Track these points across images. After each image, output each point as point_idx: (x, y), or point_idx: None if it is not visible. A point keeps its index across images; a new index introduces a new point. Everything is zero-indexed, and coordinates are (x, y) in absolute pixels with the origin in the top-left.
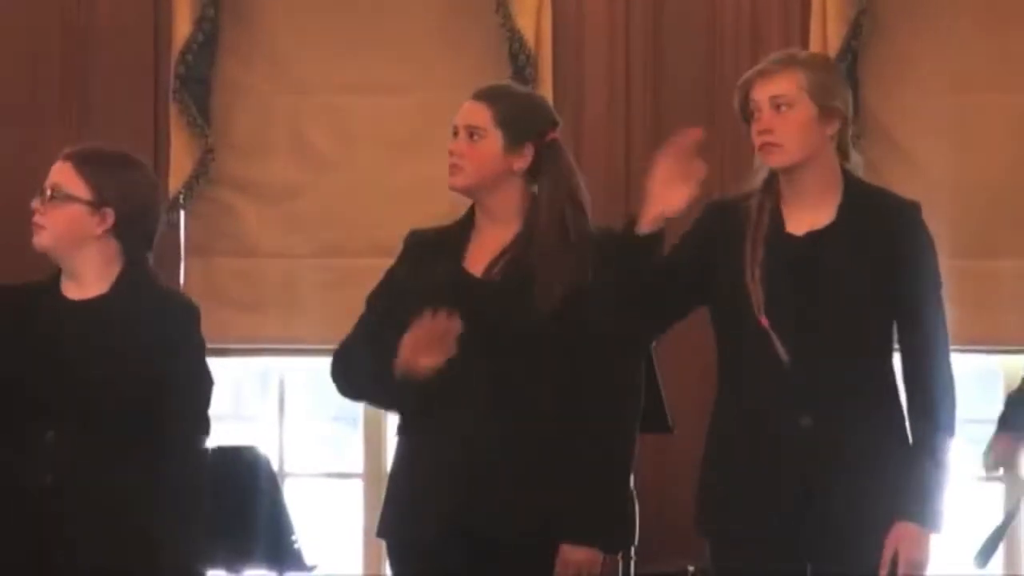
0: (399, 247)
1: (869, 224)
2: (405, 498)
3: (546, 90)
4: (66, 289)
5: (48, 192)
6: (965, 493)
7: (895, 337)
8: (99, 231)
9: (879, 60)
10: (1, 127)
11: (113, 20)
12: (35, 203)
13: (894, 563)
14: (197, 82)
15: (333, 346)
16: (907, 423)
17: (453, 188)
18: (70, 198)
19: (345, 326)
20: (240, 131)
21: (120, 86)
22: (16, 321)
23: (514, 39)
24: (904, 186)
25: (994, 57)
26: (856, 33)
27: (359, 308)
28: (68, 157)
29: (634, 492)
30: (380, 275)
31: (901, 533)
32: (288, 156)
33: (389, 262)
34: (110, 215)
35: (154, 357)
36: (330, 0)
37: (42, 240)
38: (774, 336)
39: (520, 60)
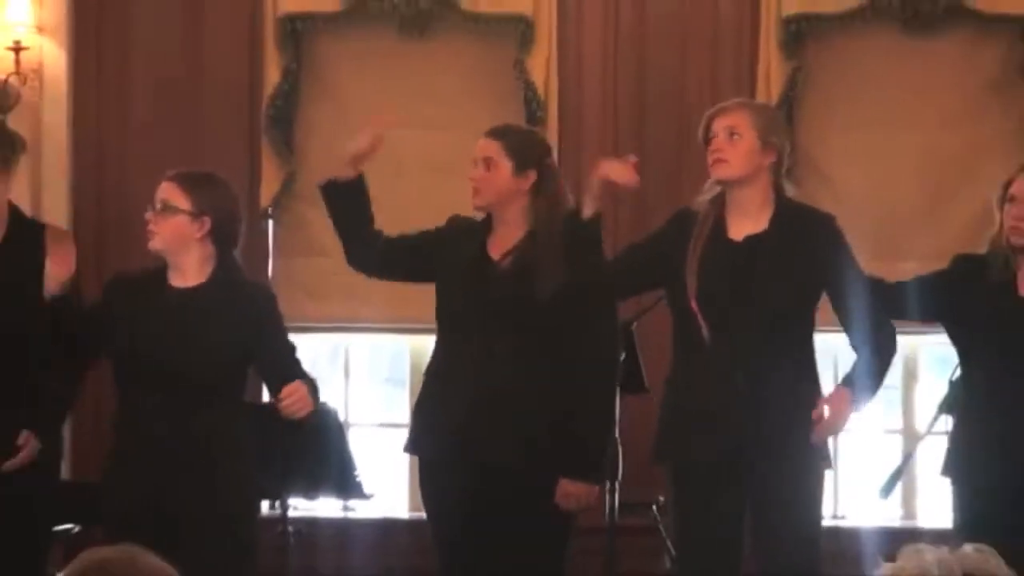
0: None
1: (796, 231)
2: (422, 426)
3: (553, 129)
4: (172, 279)
5: (158, 206)
6: (870, 443)
7: (814, 321)
8: (199, 235)
9: (810, 106)
10: (133, 157)
11: (219, 74)
12: (148, 215)
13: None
14: (283, 121)
15: (386, 324)
16: (818, 389)
17: (476, 207)
18: (176, 210)
19: (394, 309)
20: (315, 159)
21: (225, 125)
22: (132, 302)
23: (528, 89)
24: (829, 206)
25: (899, 102)
26: (792, 86)
27: (406, 296)
28: (171, 178)
29: (618, 438)
30: None
31: (833, 392)
32: None
33: None
34: (207, 222)
35: (243, 332)
36: (384, 57)
37: (155, 244)
38: (700, 317)
39: (532, 106)
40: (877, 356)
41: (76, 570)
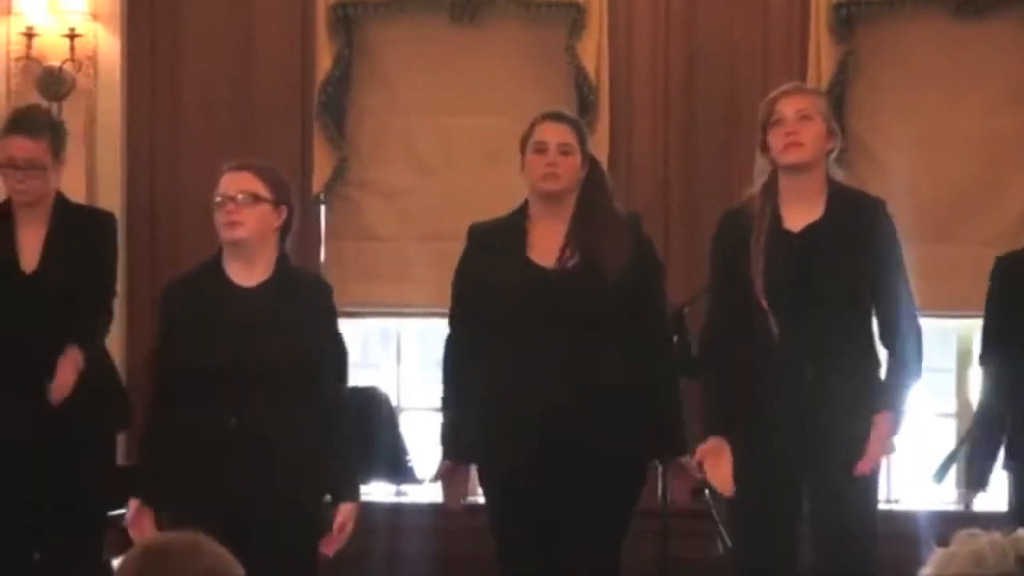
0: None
1: (850, 218)
2: (492, 434)
3: (604, 114)
4: (233, 276)
5: (240, 196)
6: (924, 427)
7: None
8: (276, 225)
9: (860, 91)
10: (185, 143)
11: (271, 61)
12: (228, 206)
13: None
14: (335, 107)
15: (436, 308)
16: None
17: (550, 192)
18: (260, 199)
19: (445, 294)
20: (366, 144)
21: (277, 111)
22: (194, 305)
23: (579, 75)
24: (880, 191)
25: (949, 88)
26: (843, 70)
27: None
28: (244, 168)
29: None
30: None
31: (878, 419)
32: (401, 163)
33: None
34: (284, 210)
35: (308, 328)
36: (435, 43)
37: (239, 233)
38: (771, 316)
39: (584, 91)
40: (909, 369)
41: (137, 554)
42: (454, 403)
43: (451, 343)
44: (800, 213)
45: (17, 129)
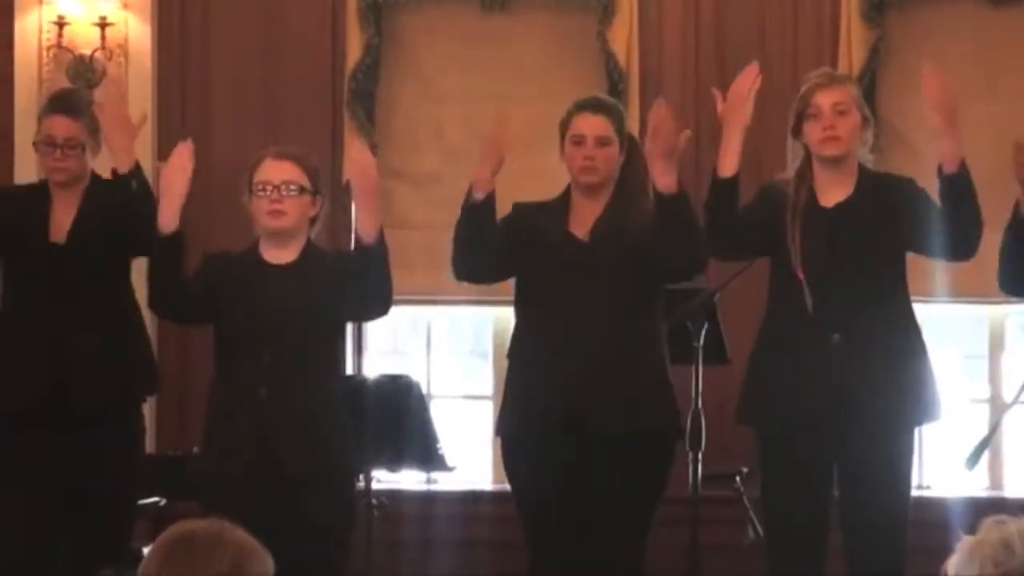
0: None
1: (880, 194)
2: (522, 403)
3: (633, 99)
4: (267, 255)
5: (283, 186)
6: (957, 413)
7: (906, 282)
8: (312, 214)
9: (891, 76)
10: (216, 131)
11: (301, 49)
12: (273, 195)
13: None
14: (365, 95)
15: (468, 297)
16: (919, 338)
17: (588, 184)
18: (304, 190)
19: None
20: (396, 132)
21: (308, 99)
22: (231, 274)
23: (610, 60)
24: (911, 175)
25: (981, 74)
26: (874, 56)
27: None
28: (287, 157)
29: (700, 409)
30: None
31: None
32: (432, 151)
33: None
34: (319, 201)
35: (337, 298)
36: (465, 31)
37: (284, 223)
38: (805, 286)
39: (614, 76)
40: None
41: (164, 542)
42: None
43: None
44: (833, 193)
45: (57, 109)
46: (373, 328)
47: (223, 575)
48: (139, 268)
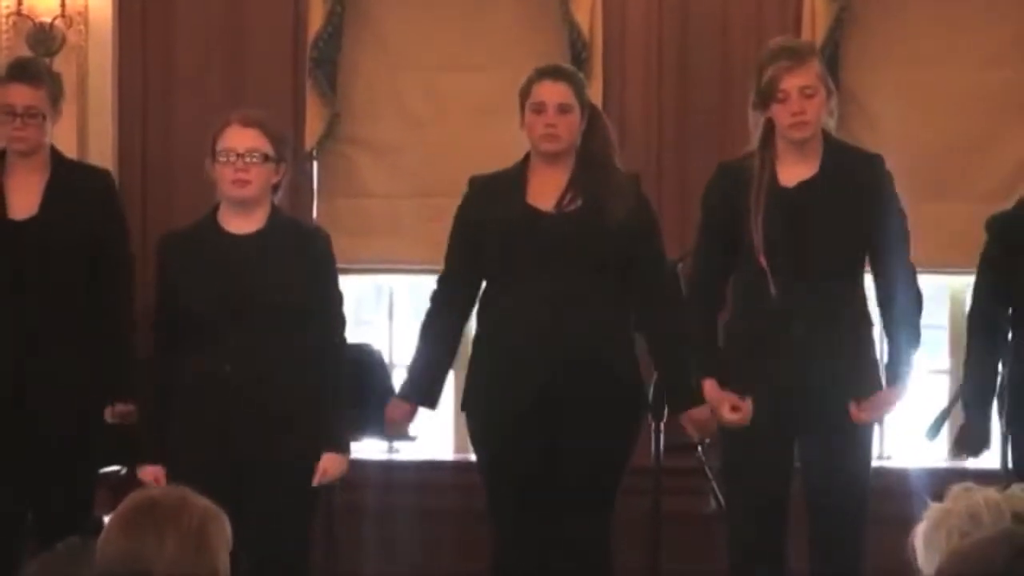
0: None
1: (845, 173)
2: (496, 380)
3: (596, 69)
4: (228, 225)
5: (247, 155)
6: (917, 384)
7: (866, 261)
8: (275, 181)
9: (854, 46)
10: (177, 99)
11: (262, 16)
12: (238, 164)
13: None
14: (327, 63)
15: (428, 265)
16: (869, 315)
17: (550, 152)
18: (267, 158)
19: (436, 251)
20: (358, 101)
21: (270, 67)
22: (189, 253)
23: (572, 29)
24: (871, 144)
25: (943, 41)
26: (838, 25)
27: (447, 236)
28: (251, 123)
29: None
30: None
31: (882, 395)
32: (393, 119)
33: None
34: (283, 168)
35: (307, 275)
36: (428, 0)
37: (248, 192)
38: (768, 273)
39: (577, 46)
40: (910, 335)
41: (128, 508)
42: (418, 352)
43: (434, 297)
44: (796, 169)
45: (17, 76)
46: None
47: (191, 537)
48: None
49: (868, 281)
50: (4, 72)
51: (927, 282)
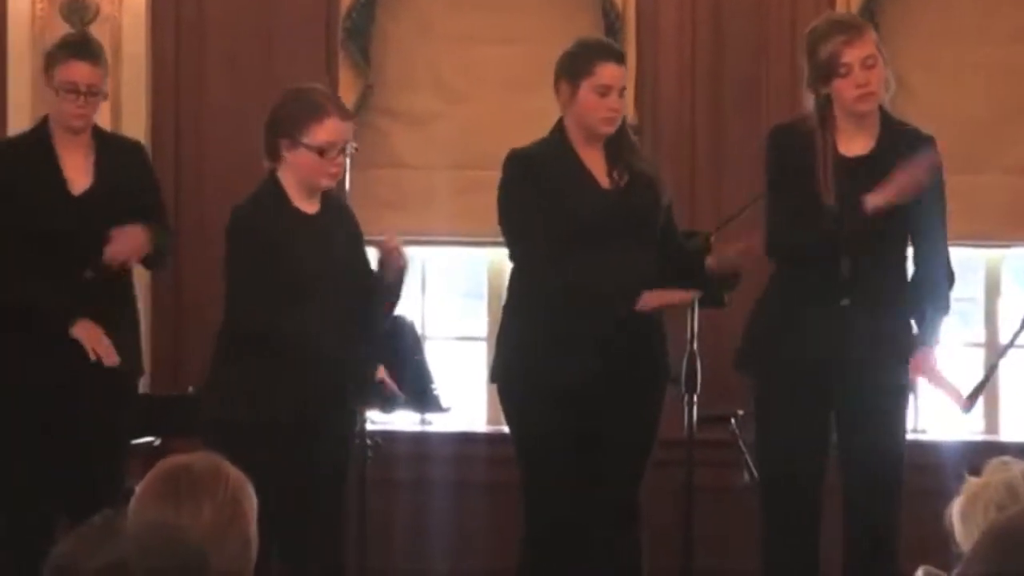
0: None
1: (901, 151)
2: (561, 352)
3: (630, 39)
4: (299, 205)
5: (348, 148)
6: (952, 356)
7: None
8: None
9: (890, 17)
10: (210, 69)
11: None
12: (339, 159)
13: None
14: (360, 34)
15: (462, 237)
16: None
17: (608, 134)
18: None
19: (470, 223)
20: (392, 72)
21: (302, 38)
22: (267, 230)
23: (606, 2)
24: (907, 117)
25: (979, 14)
26: None
27: (481, 209)
28: (349, 117)
29: (696, 350)
30: (497, 184)
31: (920, 356)
32: (428, 91)
33: None
34: None
35: (360, 246)
36: None
37: (332, 181)
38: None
39: (610, 17)
40: (940, 313)
41: (160, 476)
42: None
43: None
44: (853, 142)
45: (80, 54)
46: None
47: (226, 505)
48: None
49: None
50: (64, 48)
51: (960, 254)
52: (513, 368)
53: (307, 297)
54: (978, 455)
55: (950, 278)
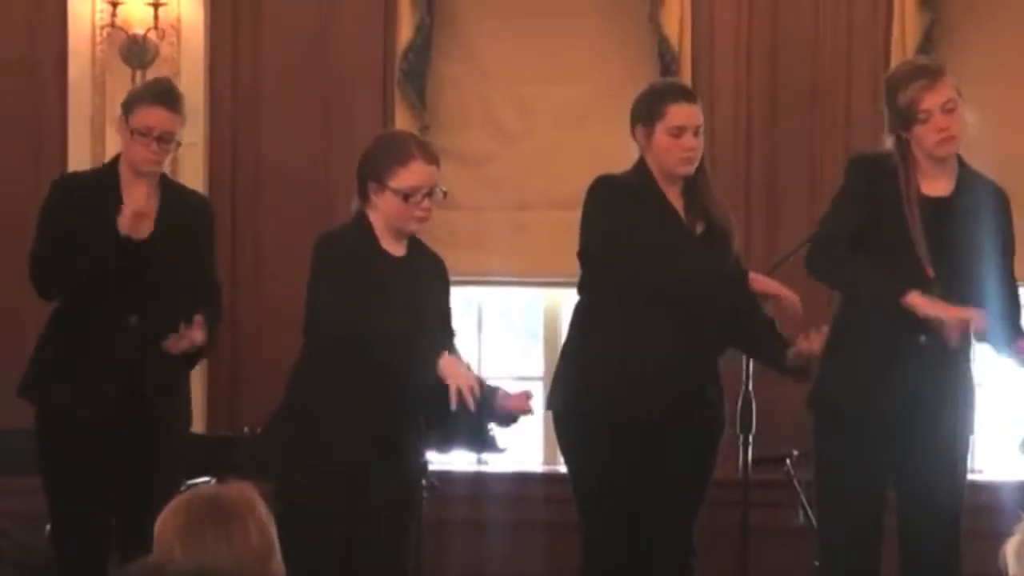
0: (575, 199)
1: (978, 197)
2: (635, 387)
3: (685, 81)
4: (386, 247)
5: (432, 192)
6: (1008, 397)
7: None
8: None
9: (946, 57)
10: (267, 112)
11: (352, 30)
12: (425, 203)
13: None
14: (416, 75)
15: (517, 278)
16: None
17: (687, 175)
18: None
19: (524, 263)
20: (447, 112)
21: (359, 80)
22: (356, 262)
23: (662, 42)
24: (966, 157)
25: None
26: (928, 38)
27: (536, 249)
28: (435, 160)
29: (751, 392)
30: (552, 224)
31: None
32: (482, 131)
33: (561, 214)
34: None
35: (444, 293)
36: (517, 11)
37: (420, 225)
38: (936, 283)
39: (667, 59)
40: (1012, 325)
41: (198, 502)
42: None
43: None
44: (935, 184)
45: (160, 100)
46: None
47: (266, 528)
48: None
49: None
50: (150, 94)
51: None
52: (572, 403)
53: (393, 318)
54: None
55: (1019, 311)
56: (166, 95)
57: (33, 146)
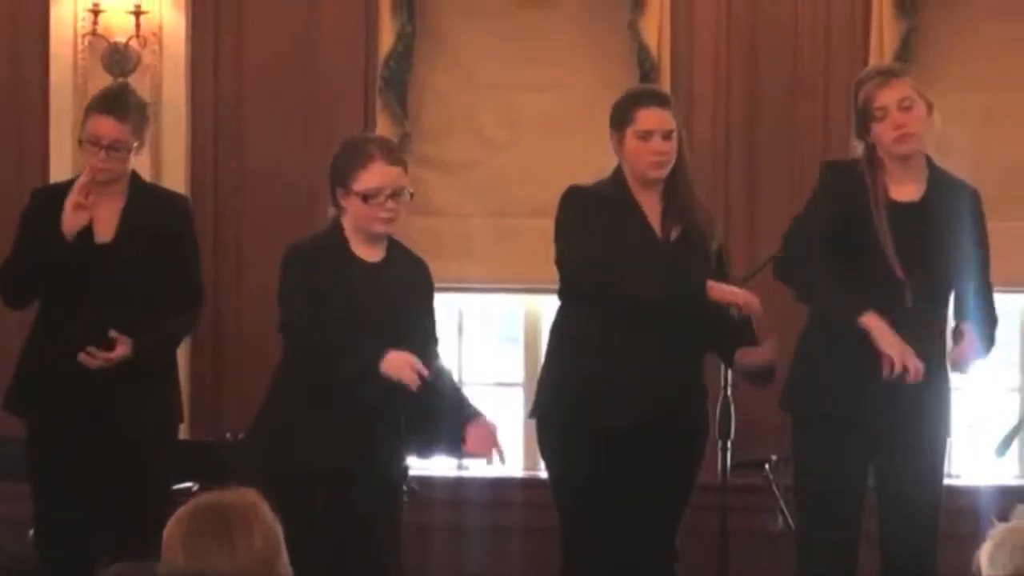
0: (553, 206)
1: (948, 201)
2: (614, 394)
3: (664, 88)
4: (358, 252)
5: (398, 193)
6: (986, 401)
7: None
8: None
9: (923, 66)
10: (249, 119)
11: (334, 38)
12: (389, 204)
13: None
14: (397, 83)
15: (499, 284)
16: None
17: (658, 179)
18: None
19: (507, 270)
20: (428, 120)
21: (340, 87)
22: (328, 276)
23: (641, 50)
24: (941, 164)
25: (1011, 62)
26: (906, 45)
27: (519, 257)
28: (400, 163)
29: (730, 397)
30: (534, 231)
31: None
32: (464, 139)
33: (543, 221)
34: None
35: (424, 300)
36: (498, 19)
37: (391, 228)
38: (907, 286)
39: (646, 66)
40: (989, 330)
41: (203, 509)
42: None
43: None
44: (902, 188)
45: (107, 109)
46: None
47: (271, 534)
48: None
49: None
50: (95, 103)
51: (998, 300)
52: (554, 410)
53: (361, 329)
54: (1012, 500)
55: (994, 320)
56: (114, 104)
57: (15, 154)
